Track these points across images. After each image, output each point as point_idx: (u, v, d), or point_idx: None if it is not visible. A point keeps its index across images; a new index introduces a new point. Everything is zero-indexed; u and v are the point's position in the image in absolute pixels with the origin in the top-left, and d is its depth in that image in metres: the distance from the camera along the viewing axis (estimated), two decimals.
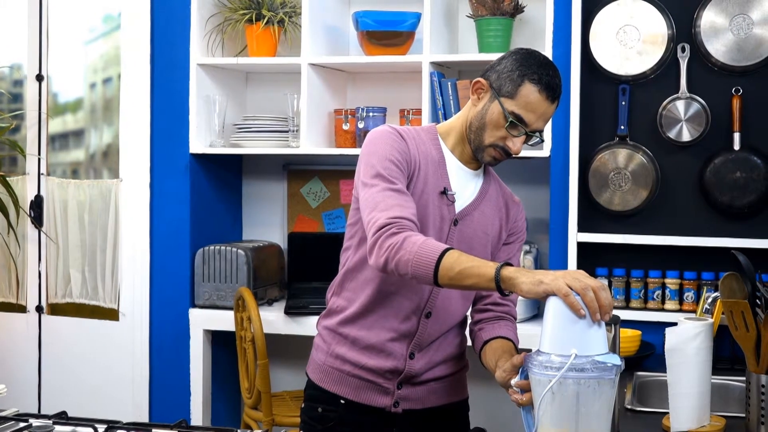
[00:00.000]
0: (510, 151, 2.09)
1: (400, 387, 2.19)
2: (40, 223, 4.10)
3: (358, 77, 4.05)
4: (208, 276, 3.81)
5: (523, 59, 2.07)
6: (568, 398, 1.68)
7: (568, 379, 1.68)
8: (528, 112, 2.05)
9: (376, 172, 2.04)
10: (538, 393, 1.73)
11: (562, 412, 1.70)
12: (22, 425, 2.04)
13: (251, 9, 3.79)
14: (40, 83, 4.13)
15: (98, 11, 4.15)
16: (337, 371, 2.21)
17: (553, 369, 1.70)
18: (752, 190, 3.24)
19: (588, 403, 1.68)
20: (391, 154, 2.06)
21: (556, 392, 1.69)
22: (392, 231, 1.95)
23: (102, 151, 4.19)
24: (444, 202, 2.14)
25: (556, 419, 1.71)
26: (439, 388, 2.25)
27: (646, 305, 3.35)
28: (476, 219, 2.19)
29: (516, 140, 2.07)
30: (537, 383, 1.73)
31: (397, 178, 2.04)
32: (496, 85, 2.07)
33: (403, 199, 2.02)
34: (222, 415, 4.01)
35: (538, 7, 3.62)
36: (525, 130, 2.06)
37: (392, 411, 2.19)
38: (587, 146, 3.38)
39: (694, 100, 3.28)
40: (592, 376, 1.68)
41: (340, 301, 2.24)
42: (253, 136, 3.83)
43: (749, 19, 3.22)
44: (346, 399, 2.19)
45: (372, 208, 2.00)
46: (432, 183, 2.12)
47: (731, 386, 2.72)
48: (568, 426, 1.70)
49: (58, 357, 4.08)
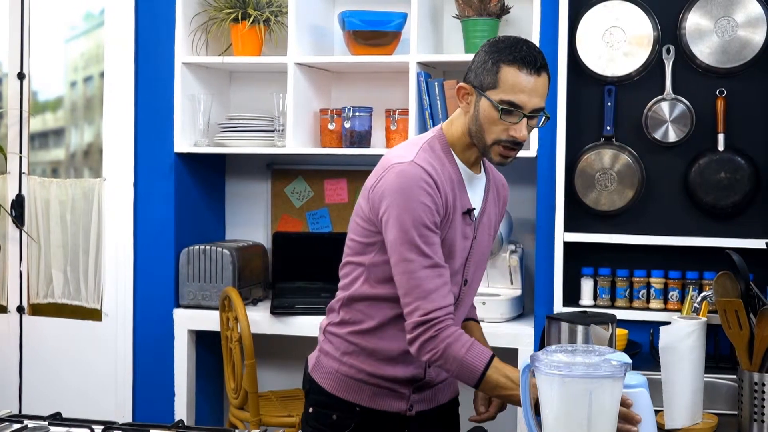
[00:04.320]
0: (517, 139, 2.04)
1: (415, 392, 2.21)
2: (22, 223, 4.06)
3: (342, 77, 4.05)
4: (192, 276, 3.79)
5: (492, 47, 2.06)
6: (579, 397, 1.68)
7: (578, 377, 1.68)
8: (516, 93, 2.00)
9: (412, 243, 2.00)
10: (545, 393, 1.72)
11: (573, 412, 1.69)
12: (17, 426, 2.02)
13: (237, 8, 3.77)
14: (22, 81, 4.09)
15: (80, 9, 4.12)
16: (353, 380, 2.18)
17: (562, 368, 1.69)
18: (736, 190, 3.27)
19: (599, 401, 1.68)
20: (427, 215, 2.01)
21: (567, 392, 1.69)
22: (431, 334, 2.00)
23: (83, 150, 4.16)
24: (466, 221, 2.14)
25: (566, 420, 1.70)
26: (444, 386, 2.29)
27: (632, 304, 3.38)
28: (485, 224, 2.22)
29: (518, 127, 2.02)
30: (544, 382, 1.72)
31: (434, 244, 2.02)
32: (477, 83, 2.05)
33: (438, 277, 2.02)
34: (206, 416, 3.99)
35: (525, 8, 3.64)
36: (522, 113, 2.01)
37: (407, 414, 2.20)
38: (573, 147, 3.40)
39: (679, 101, 3.31)
40: (604, 374, 1.68)
41: (353, 313, 2.19)
42: (237, 136, 3.82)
43: (733, 22, 3.26)
44: (362, 406, 2.18)
45: (409, 291, 2.02)
46: (458, 206, 2.11)
47: (718, 384, 2.75)
48: (579, 426, 1.69)
49: (39, 358, 4.04)
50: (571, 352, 1.75)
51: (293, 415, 3.46)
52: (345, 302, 2.20)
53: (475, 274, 2.23)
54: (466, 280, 2.20)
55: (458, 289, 2.18)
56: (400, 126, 3.67)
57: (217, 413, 4.12)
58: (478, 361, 1.98)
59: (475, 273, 2.23)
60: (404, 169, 2.04)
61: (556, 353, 1.74)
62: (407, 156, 2.07)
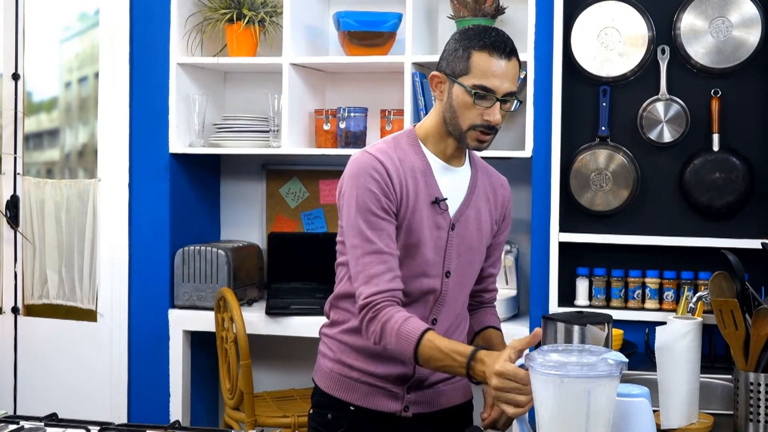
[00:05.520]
0: (491, 123, 2.07)
1: (410, 392, 2.20)
2: (16, 223, 4.06)
3: (337, 77, 4.05)
4: (187, 276, 3.79)
5: (462, 35, 2.10)
6: (576, 397, 1.67)
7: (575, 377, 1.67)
8: (488, 78, 2.04)
9: (357, 229, 2.07)
10: (540, 393, 1.72)
11: (569, 412, 1.68)
12: (12, 427, 2.01)
13: (232, 8, 3.77)
14: (16, 82, 4.08)
15: (74, 9, 4.11)
16: (346, 378, 2.21)
17: (558, 368, 1.68)
18: (731, 190, 3.28)
19: (596, 400, 1.67)
20: (373, 201, 2.07)
21: (563, 392, 1.68)
22: (370, 316, 2.05)
23: (77, 150, 4.15)
24: (437, 211, 2.14)
25: (561, 420, 1.70)
26: (448, 390, 2.27)
27: (627, 304, 3.38)
28: (472, 217, 2.21)
29: (491, 111, 2.05)
30: (540, 382, 1.72)
31: (380, 230, 2.06)
32: (450, 70, 2.09)
33: (382, 263, 2.05)
34: (201, 416, 3.99)
35: (520, 9, 3.64)
36: (495, 97, 2.05)
37: (402, 415, 2.20)
38: (568, 147, 3.40)
39: (674, 101, 3.32)
40: (601, 373, 1.67)
41: (340, 313, 2.24)
42: (232, 136, 3.82)
43: (728, 22, 3.26)
44: (356, 405, 2.19)
45: (355, 277, 2.09)
46: (422, 196, 2.13)
47: (713, 384, 2.75)
48: (576, 426, 1.68)
49: (34, 358, 4.03)
50: (565, 352, 1.74)
51: (288, 415, 3.46)
52: (332, 302, 2.26)
53: (462, 268, 2.21)
54: (448, 272, 2.18)
55: (440, 282, 2.17)
56: (395, 126, 3.67)
57: (213, 414, 4.11)
58: (412, 335, 1.99)
59: (461, 266, 2.20)
60: (356, 157, 2.15)
61: (550, 353, 1.74)
62: (367, 149, 2.17)
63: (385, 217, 2.08)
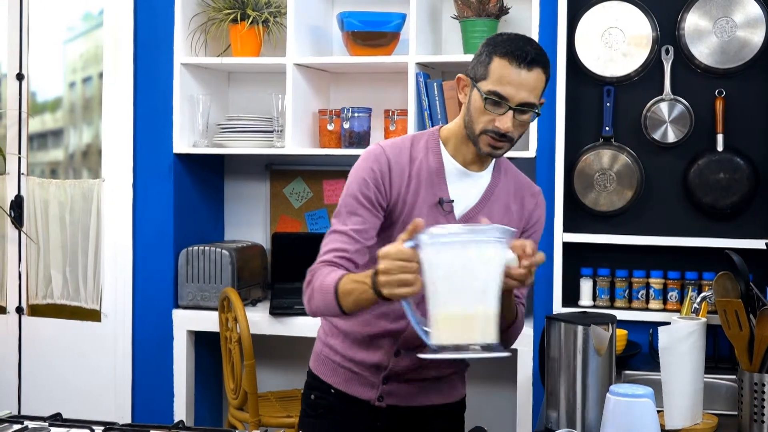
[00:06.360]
0: (500, 131, 2.05)
1: (386, 382, 2.22)
2: (21, 224, 4.06)
3: (341, 78, 4.05)
4: (191, 276, 3.79)
5: (490, 41, 2.10)
6: (462, 266, 1.67)
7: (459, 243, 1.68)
8: (503, 85, 2.02)
9: (338, 210, 2.13)
10: (429, 270, 1.71)
11: (456, 283, 1.68)
12: (17, 427, 2.02)
13: (236, 9, 3.78)
14: (21, 82, 4.09)
15: (78, 9, 4.11)
16: (330, 361, 2.26)
17: (443, 236, 1.69)
18: (735, 190, 3.27)
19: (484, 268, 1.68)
20: (362, 188, 2.10)
21: (448, 261, 1.68)
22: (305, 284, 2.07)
23: (81, 150, 4.16)
24: (440, 212, 2.14)
25: (449, 299, 1.69)
26: (430, 388, 2.26)
27: (631, 305, 3.38)
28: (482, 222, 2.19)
29: (503, 118, 2.04)
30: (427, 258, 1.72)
31: (355, 216, 2.09)
32: (472, 74, 2.09)
33: (342, 241, 2.07)
34: (205, 416, 3.99)
35: (524, 9, 3.64)
36: (508, 105, 2.03)
37: (376, 405, 2.22)
38: (572, 147, 3.40)
39: (678, 101, 3.31)
40: (487, 238, 1.69)
41: None
42: (236, 136, 3.82)
43: (732, 22, 3.26)
44: (336, 389, 2.24)
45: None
46: (426, 195, 2.13)
47: (716, 384, 2.75)
48: (463, 302, 1.68)
49: (39, 358, 4.03)
50: (452, 228, 1.77)
51: (292, 415, 3.46)
52: None
53: None
54: None
55: None
56: (399, 126, 3.67)
57: (217, 414, 4.12)
58: (329, 284, 2.00)
59: None
60: (369, 148, 2.19)
61: (435, 227, 1.75)
62: (382, 141, 2.21)
63: (369, 207, 2.10)
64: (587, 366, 2.17)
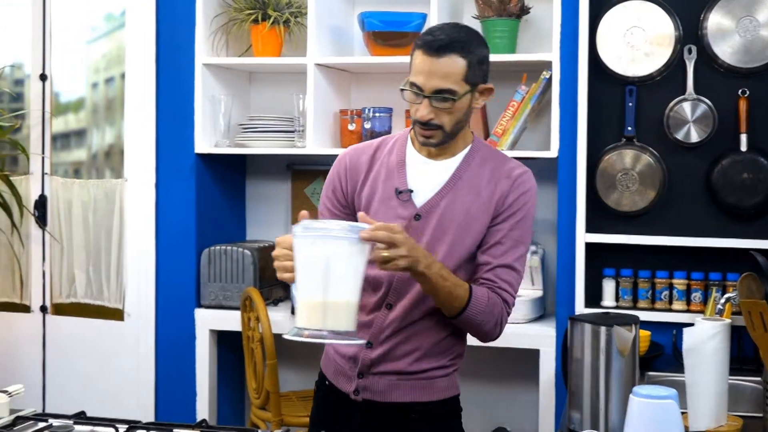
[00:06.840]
0: (417, 119, 2.12)
1: (361, 376, 2.21)
2: (44, 223, 4.09)
3: (362, 78, 4.06)
4: (214, 276, 3.81)
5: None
6: (315, 258, 1.80)
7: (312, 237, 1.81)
8: (416, 75, 2.09)
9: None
10: (295, 259, 1.85)
11: (312, 272, 1.81)
12: (42, 425, 2.03)
13: (257, 9, 3.79)
14: (44, 82, 4.12)
15: (100, 10, 4.13)
16: (326, 354, 2.33)
17: (304, 230, 1.82)
18: (759, 191, 3.25)
19: (336, 263, 1.80)
20: (326, 191, 2.30)
21: (306, 253, 1.81)
22: None
23: (104, 151, 4.18)
24: (398, 202, 2.17)
25: (308, 287, 1.82)
26: (404, 384, 2.19)
27: (654, 306, 3.37)
28: (445, 207, 2.16)
29: (420, 107, 2.11)
30: (294, 248, 1.85)
31: (323, 215, 2.28)
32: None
33: None
34: (228, 415, 4.01)
35: (545, 8, 3.63)
36: (421, 94, 2.08)
37: (353, 398, 2.23)
38: (594, 147, 3.39)
39: (701, 101, 3.30)
40: (339, 236, 1.81)
41: None
42: (258, 136, 3.83)
43: (756, 21, 3.24)
44: (330, 381, 2.29)
45: None
46: (384, 188, 2.20)
47: (741, 386, 2.74)
48: (317, 291, 1.80)
49: (62, 357, 4.07)
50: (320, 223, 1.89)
51: None
52: None
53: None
54: None
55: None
56: None
57: (239, 413, 4.13)
58: None
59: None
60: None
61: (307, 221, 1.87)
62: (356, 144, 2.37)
63: (331, 209, 2.26)
64: (610, 367, 2.17)
